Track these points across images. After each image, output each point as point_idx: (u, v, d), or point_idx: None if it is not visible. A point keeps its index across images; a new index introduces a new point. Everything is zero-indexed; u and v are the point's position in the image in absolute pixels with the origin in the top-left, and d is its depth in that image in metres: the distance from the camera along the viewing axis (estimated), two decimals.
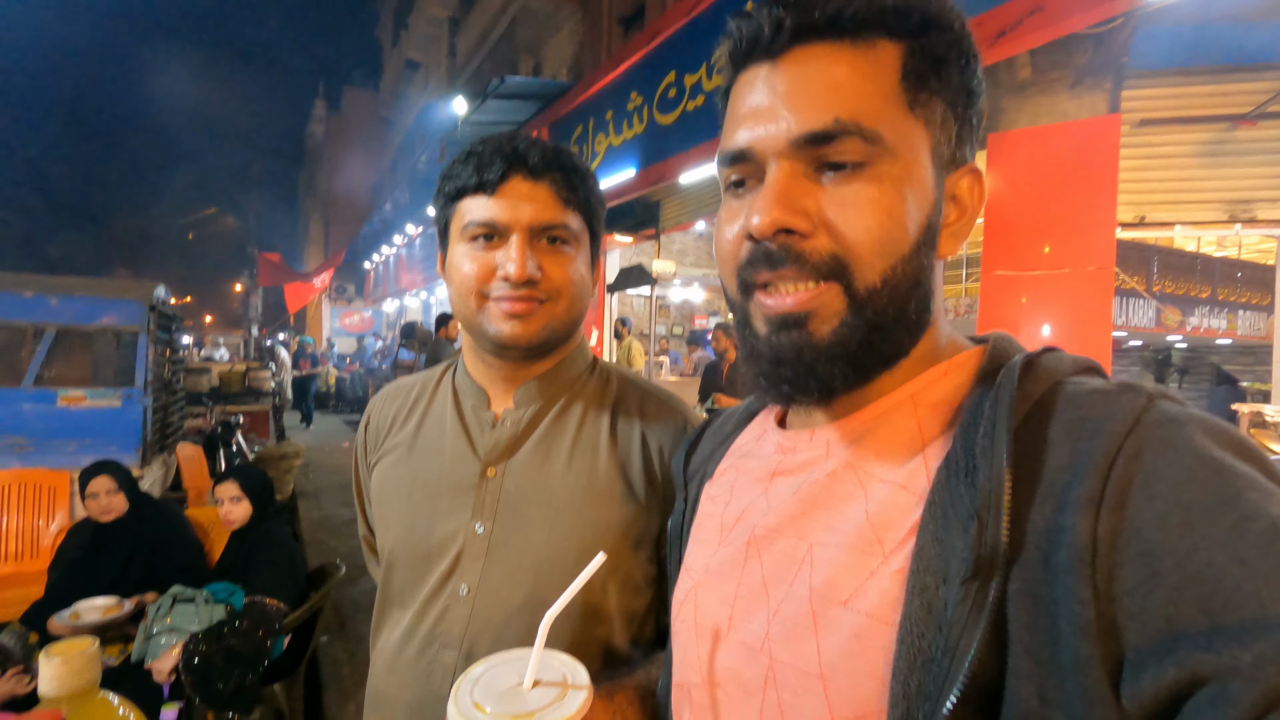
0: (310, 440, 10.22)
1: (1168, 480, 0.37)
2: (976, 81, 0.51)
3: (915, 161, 0.48)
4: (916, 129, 0.49)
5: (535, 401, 0.91)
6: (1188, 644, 0.33)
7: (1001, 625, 0.38)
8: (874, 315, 0.48)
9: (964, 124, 0.51)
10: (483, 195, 0.84)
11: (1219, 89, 4.52)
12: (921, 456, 0.48)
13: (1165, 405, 0.41)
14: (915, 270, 0.49)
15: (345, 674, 3.28)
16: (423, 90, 21.66)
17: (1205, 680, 0.33)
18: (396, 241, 17.67)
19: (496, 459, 0.88)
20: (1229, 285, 8.96)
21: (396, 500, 0.92)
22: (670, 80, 6.33)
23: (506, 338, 0.84)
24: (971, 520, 0.40)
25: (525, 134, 0.88)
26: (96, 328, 3.78)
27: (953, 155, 0.51)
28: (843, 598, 0.46)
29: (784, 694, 0.48)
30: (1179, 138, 4.61)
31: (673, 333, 12.97)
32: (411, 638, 0.86)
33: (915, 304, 0.50)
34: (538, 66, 12.85)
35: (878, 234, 0.47)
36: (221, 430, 6.48)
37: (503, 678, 0.56)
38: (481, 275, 0.84)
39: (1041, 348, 0.49)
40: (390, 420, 0.98)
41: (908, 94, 0.48)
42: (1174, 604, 0.34)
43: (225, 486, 2.46)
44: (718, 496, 0.63)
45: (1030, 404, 0.43)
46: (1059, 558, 0.37)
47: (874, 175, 0.47)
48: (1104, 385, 0.43)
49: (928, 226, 0.49)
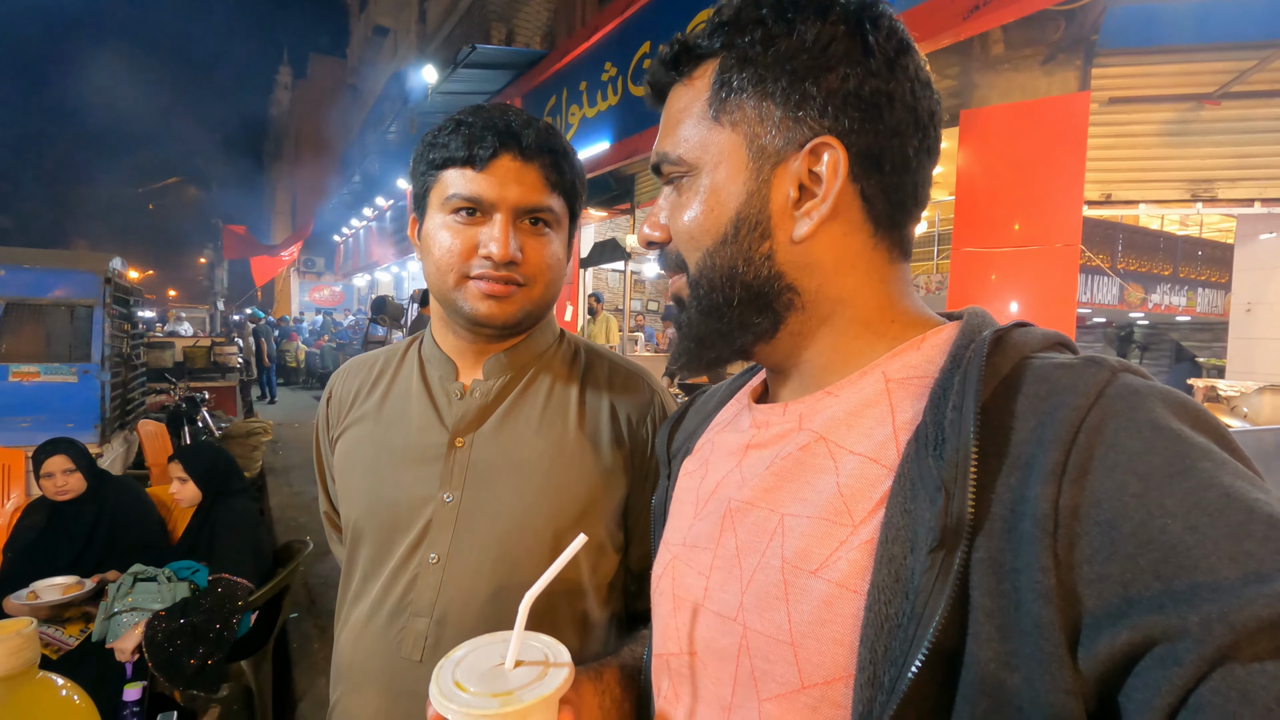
0: (279, 416, 10.07)
1: (1127, 451, 0.38)
2: (811, 53, 0.50)
3: (720, 165, 0.54)
4: (721, 135, 0.54)
5: (504, 373, 0.91)
6: (1141, 607, 0.35)
7: (964, 592, 0.40)
8: (703, 297, 0.56)
9: (800, 102, 0.51)
10: (470, 169, 0.82)
11: (1185, 68, 4.57)
12: (892, 429, 0.49)
13: (1127, 379, 0.42)
14: (731, 258, 0.54)
15: (315, 649, 3.27)
16: (392, 57, 21.06)
17: (1156, 641, 0.34)
18: (367, 214, 17.31)
19: (465, 429, 0.88)
20: (1190, 263, 9.18)
21: (361, 472, 0.91)
22: (645, 51, 6.23)
23: (483, 317, 0.84)
24: (939, 492, 0.41)
25: (517, 109, 0.87)
26: (49, 300, 3.64)
27: (784, 140, 0.51)
28: (813, 567, 0.47)
29: (756, 661, 0.49)
30: (1145, 116, 4.67)
31: (647, 308, 12.96)
32: (380, 607, 0.86)
33: (749, 287, 0.54)
34: (510, 34, 12.55)
35: (685, 236, 0.56)
36: (186, 407, 6.34)
37: (485, 659, 0.56)
38: (463, 251, 0.83)
39: (1012, 323, 0.50)
40: (354, 394, 0.97)
41: (713, 106, 0.54)
42: (1129, 570, 0.36)
43: (172, 466, 2.42)
44: (694, 471, 0.65)
45: (999, 379, 0.44)
46: (1023, 527, 0.39)
47: (684, 189, 0.56)
48: (1069, 360, 0.44)
49: (739, 219, 0.53)
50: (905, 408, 0.49)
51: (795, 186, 0.52)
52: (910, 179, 0.53)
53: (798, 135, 0.51)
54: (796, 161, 0.52)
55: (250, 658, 2.34)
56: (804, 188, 0.52)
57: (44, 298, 3.63)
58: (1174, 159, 4.68)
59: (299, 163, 29.89)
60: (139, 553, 2.40)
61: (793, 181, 0.52)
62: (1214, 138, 4.61)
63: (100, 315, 3.70)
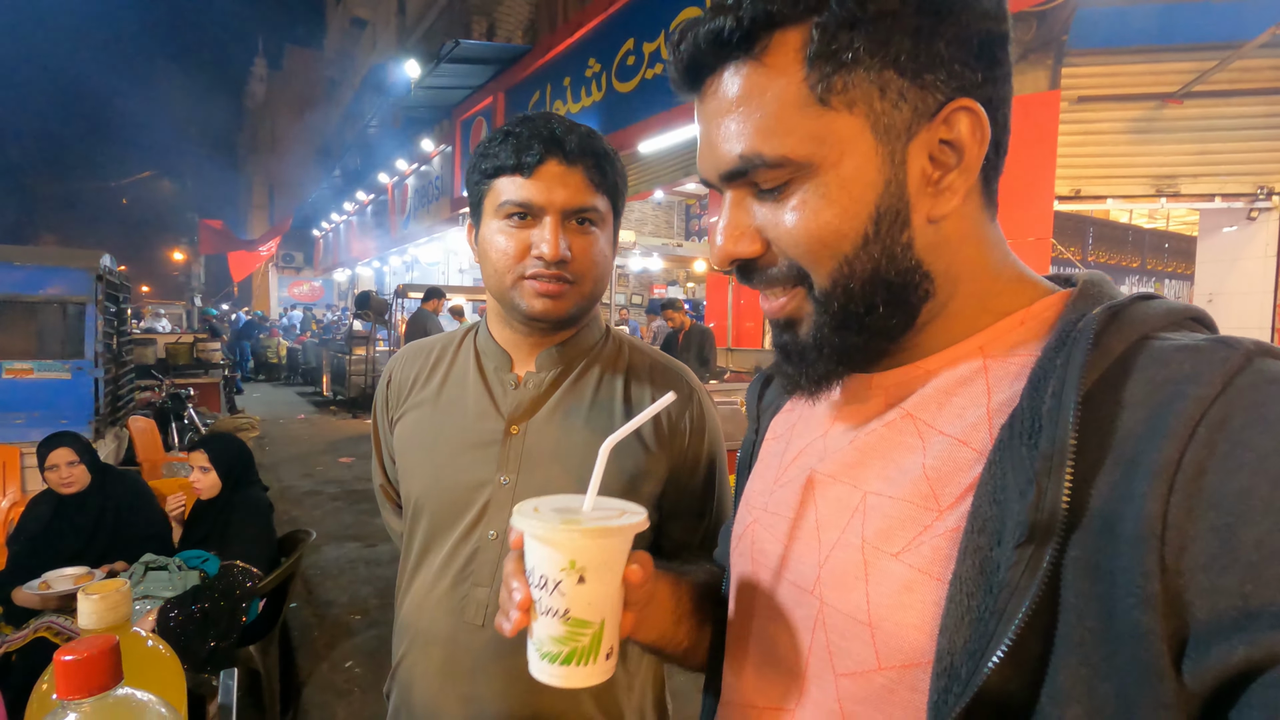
0: (265, 412, 10.03)
1: (1256, 450, 0.34)
2: (932, 2, 0.44)
3: (845, 156, 0.45)
4: (838, 121, 0.45)
5: (556, 366, 0.98)
6: (1263, 621, 0.32)
7: (1055, 592, 0.37)
8: (839, 311, 0.48)
9: (927, 64, 0.44)
10: (519, 176, 0.89)
11: (1150, 68, 4.76)
12: (986, 411, 0.45)
13: (1264, 364, 0.37)
14: (875, 258, 0.47)
15: (315, 636, 3.35)
16: (371, 50, 20.85)
17: (1278, 659, 0.31)
18: (348, 209, 17.17)
19: (520, 418, 0.95)
20: (1158, 255, 9.46)
21: (422, 453, 0.99)
22: (629, 47, 6.30)
23: (539, 313, 0.91)
24: (1030, 485, 0.38)
25: (560, 117, 0.94)
26: (41, 298, 3.66)
27: (913, 111, 0.45)
28: (894, 549, 0.46)
29: (833, 636, 0.49)
30: (1113, 114, 4.85)
31: (632, 302, 13.03)
32: (444, 576, 0.94)
33: (891, 286, 0.48)
34: (491, 28, 12.52)
35: (812, 245, 0.47)
36: (172, 403, 6.34)
37: (564, 503, 0.58)
38: (518, 253, 0.90)
39: (1134, 294, 0.44)
40: (412, 379, 1.05)
41: (818, 87, 0.45)
42: (1251, 581, 0.33)
43: (196, 455, 2.47)
44: (781, 435, 0.64)
45: (1110, 360, 0.40)
46: (1125, 528, 0.36)
47: (793, 192, 0.47)
48: (1195, 341, 0.39)
49: (879, 213, 0.46)
50: (1003, 388, 0.46)
51: (928, 160, 0.46)
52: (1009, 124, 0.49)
53: (928, 102, 0.45)
54: (929, 132, 0.46)
55: (258, 642, 2.41)
56: (934, 158, 0.46)
57: (36, 295, 3.64)
58: (1139, 155, 4.87)
59: (276, 156, 29.48)
60: (145, 544, 2.46)
61: (924, 155, 0.46)
62: (1177, 135, 4.81)
63: (93, 312, 3.72)
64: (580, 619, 0.52)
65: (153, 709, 0.61)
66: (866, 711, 0.46)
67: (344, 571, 4.09)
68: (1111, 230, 9.17)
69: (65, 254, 3.92)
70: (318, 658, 3.16)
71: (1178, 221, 9.21)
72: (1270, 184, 4.75)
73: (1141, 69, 4.76)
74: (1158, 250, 9.66)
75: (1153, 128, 4.81)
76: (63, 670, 0.52)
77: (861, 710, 0.47)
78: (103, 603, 0.71)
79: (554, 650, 0.52)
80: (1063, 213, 5.90)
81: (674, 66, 0.51)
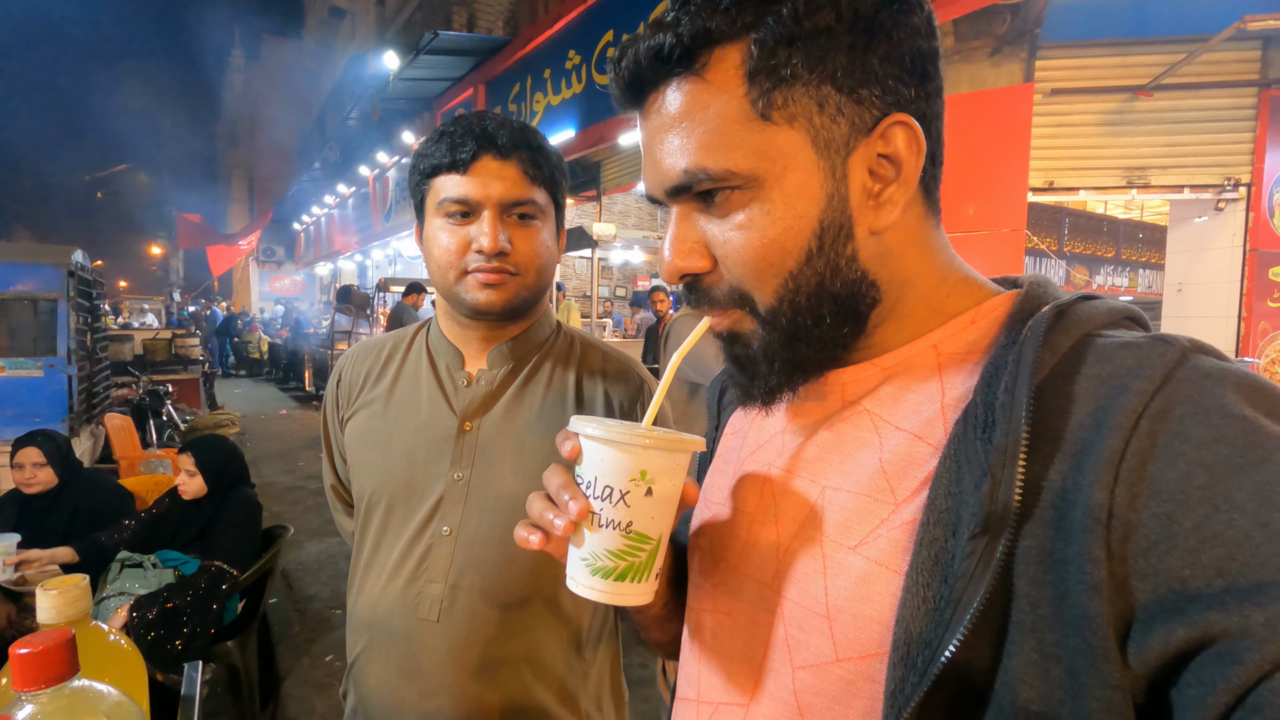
0: (246, 408, 9.95)
1: (1193, 440, 0.36)
2: (865, 20, 0.45)
3: (788, 170, 0.46)
4: (780, 135, 0.46)
5: (507, 362, 0.99)
6: (1200, 603, 0.33)
7: (1008, 581, 0.38)
8: (787, 325, 0.49)
9: (862, 79, 0.45)
10: (455, 174, 0.90)
11: (1121, 61, 4.82)
12: (940, 407, 0.47)
13: (1199, 360, 0.39)
14: (820, 272, 0.47)
15: (295, 631, 3.36)
16: (350, 40, 20.59)
17: (1215, 639, 0.33)
18: (328, 202, 16.97)
19: (473, 414, 0.96)
20: (1132, 246, 9.61)
21: (374, 450, 0.99)
22: (608, 39, 6.28)
23: (482, 305, 0.92)
24: (985, 477, 0.39)
25: (494, 114, 0.96)
26: (11, 294, 3.61)
27: (851, 126, 0.46)
28: (852, 542, 0.46)
29: (791, 629, 0.50)
30: (1085, 107, 4.92)
31: (615, 294, 13.04)
32: (399, 573, 0.95)
33: (838, 298, 0.48)
34: (471, 19, 12.42)
35: (758, 264, 0.48)
36: (150, 399, 6.27)
37: (614, 423, 0.55)
38: (459, 248, 0.91)
39: (1077, 294, 0.46)
40: (363, 377, 1.05)
41: (759, 103, 0.45)
42: (1190, 565, 0.34)
43: (183, 458, 2.45)
44: (740, 429, 0.64)
45: (1057, 357, 0.42)
46: (1073, 516, 0.37)
47: (738, 207, 0.47)
48: (1136, 338, 0.41)
49: (823, 228, 0.47)
50: (957, 384, 0.47)
51: (867, 174, 0.47)
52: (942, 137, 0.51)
53: (865, 118, 0.46)
54: (868, 147, 0.47)
55: (236, 638, 2.42)
56: (873, 172, 0.47)
57: (6, 291, 3.59)
58: (1111, 147, 4.94)
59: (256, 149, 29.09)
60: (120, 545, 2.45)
61: (864, 169, 0.47)
62: (1147, 127, 4.88)
63: (65, 309, 3.68)
64: (641, 533, 0.51)
65: (111, 699, 0.63)
66: (823, 703, 0.47)
67: (324, 566, 4.10)
68: (1087, 221, 9.31)
69: (36, 250, 3.87)
70: (298, 652, 3.17)
71: (1151, 212, 9.36)
72: (1237, 175, 4.85)
73: (1113, 62, 4.83)
74: (1132, 240, 9.81)
75: (1124, 120, 4.89)
76: (18, 662, 0.54)
77: (818, 702, 0.47)
78: (61, 598, 0.72)
79: (609, 565, 0.51)
80: (1038, 204, 5.98)
81: (616, 83, 0.51)
